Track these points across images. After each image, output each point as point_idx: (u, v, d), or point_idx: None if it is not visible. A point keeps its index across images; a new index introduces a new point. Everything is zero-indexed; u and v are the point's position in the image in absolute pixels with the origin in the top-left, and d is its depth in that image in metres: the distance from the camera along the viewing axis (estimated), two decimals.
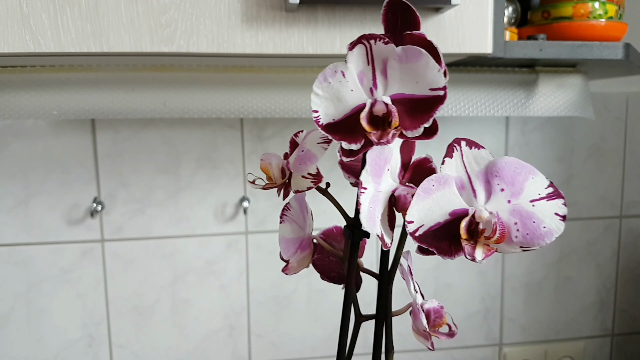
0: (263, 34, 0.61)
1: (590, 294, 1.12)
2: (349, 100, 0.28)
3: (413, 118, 0.28)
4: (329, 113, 0.29)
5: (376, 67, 0.29)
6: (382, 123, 0.28)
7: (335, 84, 0.28)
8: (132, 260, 0.97)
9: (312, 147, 0.35)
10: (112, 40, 0.59)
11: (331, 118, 0.29)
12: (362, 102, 0.28)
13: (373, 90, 0.28)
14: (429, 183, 0.30)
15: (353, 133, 0.28)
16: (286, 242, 0.38)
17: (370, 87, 0.28)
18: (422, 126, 0.28)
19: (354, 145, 0.29)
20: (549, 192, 0.29)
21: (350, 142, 0.29)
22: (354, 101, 0.28)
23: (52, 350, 0.97)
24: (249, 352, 1.02)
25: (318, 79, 0.28)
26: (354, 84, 0.28)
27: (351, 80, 0.28)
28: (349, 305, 0.35)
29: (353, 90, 0.28)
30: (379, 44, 0.28)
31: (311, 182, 0.35)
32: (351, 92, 0.28)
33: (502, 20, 0.69)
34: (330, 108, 0.29)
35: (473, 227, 0.29)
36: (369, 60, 0.28)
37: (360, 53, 0.28)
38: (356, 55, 0.28)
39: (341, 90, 0.28)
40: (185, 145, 0.96)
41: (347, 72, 0.28)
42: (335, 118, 0.29)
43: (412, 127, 0.28)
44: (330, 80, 0.28)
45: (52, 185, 0.93)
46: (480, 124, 1.04)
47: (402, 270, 0.38)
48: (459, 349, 1.09)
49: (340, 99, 0.28)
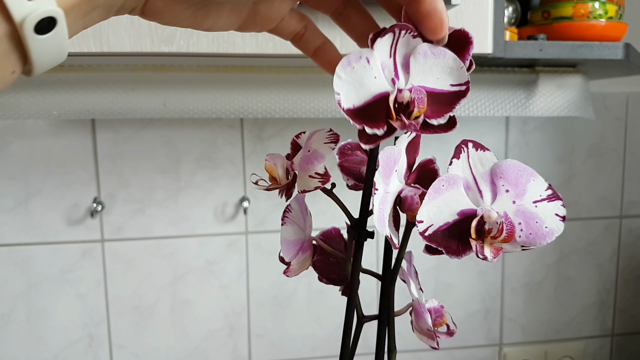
0: (263, 34, 0.61)
1: (590, 294, 1.12)
2: (371, 87, 0.28)
3: (434, 110, 0.28)
4: (349, 98, 0.28)
5: (397, 60, 0.28)
6: (404, 112, 0.28)
7: (359, 69, 0.28)
8: (132, 260, 0.97)
9: (318, 146, 0.35)
10: (112, 40, 0.59)
11: (351, 103, 0.28)
12: (384, 90, 0.28)
13: (395, 80, 0.28)
14: (440, 183, 0.30)
15: (374, 120, 0.28)
16: (288, 244, 0.38)
17: (392, 78, 0.28)
18: (447, 115, 0.27)
19: (377, 130, 0.28)
20: (549, 194, 0.30)
21: (372, 127, 0.28)
22: (376, 89, 0.28)
23: (52, 350, 0.97)
24: (249, 352, 1.02)
25: (342, 62, 0.28)
26: (377, 71, 0.28)
27: (375, 68, 0.28)
28: (352, 306, 0.35)
29: (376, 78, 0.28)
30: (407, 36, 0.28)
31: (319, 181, 0.35)
32: (374, 80, 0.28)
33: (502, 20, 0.69)
34: (351, 93, 0.28)
35: (480, 227, 0.29)
36: (392, 53, 0.28)
37: (388, 42, 0.28)
38: (384, 43, 0.28)
39: (364, 76, 0.28)
40: (185, 145, 0.96)
41: (372, 59, 0.28)
42: (355, 104, 0.28)
43: (435, 115, 0.28)
44: (355, 65, 0.28)
45: (52, 185, 0.93)
46: (480, 124, 1.04)
47: (402, 271, 0.38)
48: (459, 349, 1.09)
49: (362, 85, 0.28)
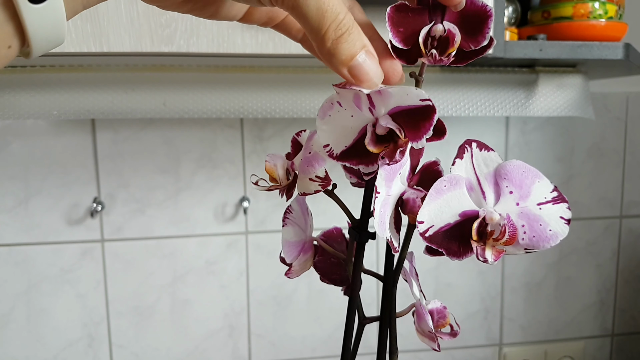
0: (263, 34, 0.61)
1: (590, 294, 1.12)
2: (352, 126, 0.29)
3: (415, 128, 0.28)
4: (339, 142, 0.29)
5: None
6: (388, 140, 0.28)
7: (335, 115, 0.29)
8: (132, 260, 0.97)
9: (319, 148, 0.34)
10: (112, 40, 0.59)
11: (343, 146, 0.29)
12: (364, 124, 0.29)
13: (372, 109, 0.28)
14: (441, 183, 0.30)
15: (368, 155, 0.29)
16: (289, 245, 0.37)
17: (369, 107, 0.28)
18: (424, 137, 0.28)
19: (371, 167, 0.30)
20: (554, 196, 0.30)
21: (367, 165, 0.29)
22: (358, 124, 0.29)
23: (52, 350, 0.97)
24: (249, 352, 1.02)
25: (318, 116, 0.29)
26: (352, 110, 0.29)
27: (349, 107, 0.29)
28: (354, 307, 0.35)
29: (353, 116, 0.29)
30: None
31: (319, 185, 0.34)
32: (352, 118, 0.29)
33: (502, 20, 0.69)
34: (339, 137, 0.29)
35: (482, 229, 0.29)
36: None
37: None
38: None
39: (343, 119, 0.29)
40: (185, 145, 0.96)
41: (342, 100, 0.29)
42: (346, 145, 0.29)
43: (416, 138, 0.28)
44: (330, 114, 0.29)
45: (52, 185, 0.93)
46: (480, 124, 1.04)
47: (404, 271, 0.38)
48: (459, 349, 1.09)
49: (344, 127, 0.29)
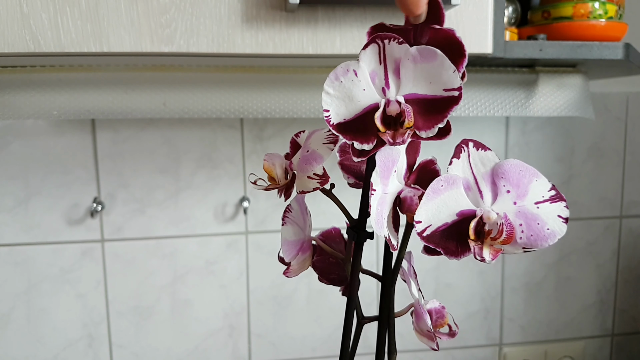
0: (263, 34, 0.61)
1: (590, 294, 1.12)
2: (360, 100, 0.28)
3: (426, 118, 0.27)
4: (340, 112, 0.28)
5: (388, 67, 0.28)
6: (395, 123, 0.27)
7: (347, 83, 0.28)
8: (132, 260, 0.97)
9: (317, 147, 0.34)
10: (112, 40, 0.59)
11: (342, 117, 0.28)
12: (374, 102, 0.28)
13: (385, 90, 0.27)
14: (438, 183, 0.29)
15: (365, 133, 0.28)
16: (288, 244, 0.37)
17: (383, 87, 0.27)
18: (437, 126, 0.27)
19: (366, 145, 0.28)
20: (552, 195, 0.29)
21: (362, 142, 0.28)
22: (366, 101, 0.28)
23: (52, 350, 0.97)
24: (249, 352, 1.02)
25: (329, 77, 0.28)
26: (366, 83, 0.28)
27: (363, 80, 0.28)
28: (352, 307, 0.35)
29: (365, 90, 0.28)
30: (392, 44, 0.27)
31: (317, 182, 0.34)
32: (363, 92, 0.28)
33: (502, 20, 0.69)
34: (341, 107, 0.28)
35: (479, 228, 0.29)
36: (381, 60, 0.28)
37: (373, 52, 0.28)
38: (369, 54, 0.28)
39: (353, 90, 0.28)
40: (185, 145, 0.96)
41: (359, 70, 0.28)
42: (346, 117, 0.28)
43: (425, 127, 0.27)
44: (342, 79, 0.28)
45: (52, 185, 0.93)
46: (480, 124, 1.04)
47: (402, 272, 0.38)
48: (459, 349, 1.09)
49: (352, 99, 0.28)
